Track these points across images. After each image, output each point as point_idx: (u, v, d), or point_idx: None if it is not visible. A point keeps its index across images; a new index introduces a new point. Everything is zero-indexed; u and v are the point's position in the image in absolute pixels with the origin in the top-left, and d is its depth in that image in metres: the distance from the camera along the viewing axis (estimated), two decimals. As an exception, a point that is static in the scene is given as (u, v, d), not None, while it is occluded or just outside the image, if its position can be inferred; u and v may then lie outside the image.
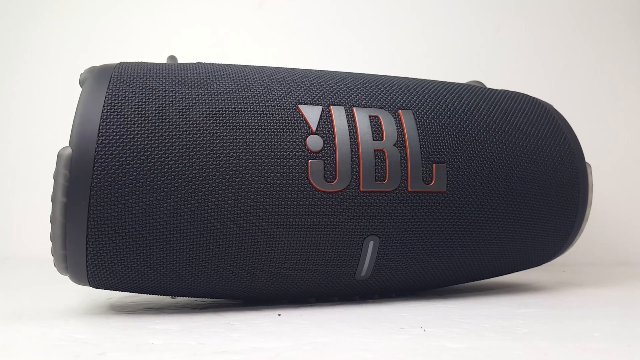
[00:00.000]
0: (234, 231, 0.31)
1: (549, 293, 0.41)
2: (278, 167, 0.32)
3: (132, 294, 0.41)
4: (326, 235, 0.33)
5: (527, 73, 0.68)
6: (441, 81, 0.40)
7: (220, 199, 0.31)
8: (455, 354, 0.23)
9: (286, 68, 0.37)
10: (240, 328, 0.29)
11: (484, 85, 0.44)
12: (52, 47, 0.71)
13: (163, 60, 0.40)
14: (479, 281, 0.46)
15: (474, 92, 0.40)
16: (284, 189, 0.32)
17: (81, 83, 0.32)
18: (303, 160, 0.32)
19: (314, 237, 0.33)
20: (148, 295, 0.37)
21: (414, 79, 0.39)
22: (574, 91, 0.68)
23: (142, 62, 0.35)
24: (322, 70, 0.37)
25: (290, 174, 0.32)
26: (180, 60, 0.39)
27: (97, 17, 0.70)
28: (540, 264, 0.43)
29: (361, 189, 0.33)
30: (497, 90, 0.42)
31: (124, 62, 0.34)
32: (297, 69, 0.37)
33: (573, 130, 0.41)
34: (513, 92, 0.42)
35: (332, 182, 0.32)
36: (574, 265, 0.62)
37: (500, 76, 0.67)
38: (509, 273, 0.42)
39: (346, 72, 0.38)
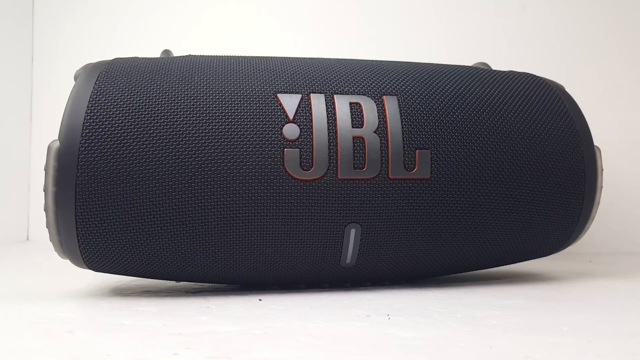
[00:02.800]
0: (212, 219, 0.32)
1: (553, 284, 0.39)
2: (254, 156, 0.32)
3: (139, 278, 0.43)
4: (305, 223, 0.33)
5: (549, 54, 0.64)
6: (436, 64, 0.39)
7: (197, 187, 0.32)
8: (398, 342, 0.23)
9: (271, 57, 0.37)
10: (213, 312, 0.30)
11: (489, 67, 0.42)
12: (68, 43, 0.74)
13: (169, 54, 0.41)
14: (487, 270, 0.44)
15: (472, 75, 0.38)
16: (260, 177, 0.32)
17: (75, 79, 0.35)
18: (279, 149, 0.32)
19: (293, 225, 0.33)
20: (154, 280, 0.39)
21: (405, 62, 0.38)
22: (597, 75, 0.63)
23: (135, 57, 0.37)
24: (306, 58, 0.37)
25: (266, 163, 0.32)
26: (190, 53, 0.40)
27: (114, 11, 0.72)
28: (549, 254, 0.41)
29: (339, 177, 0.33)
30: (500, 71, 0.40)
31: (118, 58, 0.36)
32: (281, 57, 0.37)
33: (581, 112, 0.39)
34: (518, 72, 0.40)
35: (309, 170, 0.33)
36: (607, 255, 0.59)
37: (520, 57, 0.64)
38: (512, 263, 0.40)
39: (332, 59, 0.38)
